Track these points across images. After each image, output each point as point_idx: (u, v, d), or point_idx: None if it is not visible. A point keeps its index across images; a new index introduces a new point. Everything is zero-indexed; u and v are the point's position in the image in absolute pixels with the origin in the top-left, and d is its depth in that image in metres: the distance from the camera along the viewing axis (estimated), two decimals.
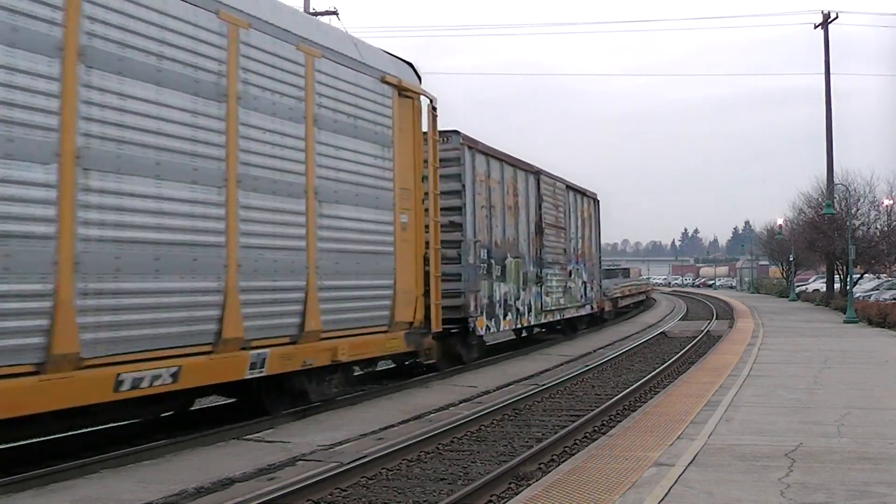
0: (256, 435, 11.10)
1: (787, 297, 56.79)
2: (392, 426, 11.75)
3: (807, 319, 33.75)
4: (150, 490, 8.29)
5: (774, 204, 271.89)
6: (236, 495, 7.86)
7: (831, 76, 41.88)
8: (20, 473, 8.64)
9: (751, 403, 11.86)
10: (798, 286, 59.86)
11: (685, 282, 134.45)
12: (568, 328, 27.85)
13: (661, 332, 29.49)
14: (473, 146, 18.71)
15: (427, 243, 15.20)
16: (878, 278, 49.70)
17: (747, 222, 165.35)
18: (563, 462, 8.99)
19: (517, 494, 7.72)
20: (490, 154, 19.86)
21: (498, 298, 19.78)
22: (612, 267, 78.47)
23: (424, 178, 15.35)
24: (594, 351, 23.34)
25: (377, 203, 13.52)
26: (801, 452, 8.64)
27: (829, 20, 41.59)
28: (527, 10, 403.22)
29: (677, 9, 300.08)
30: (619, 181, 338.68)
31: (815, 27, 42.01)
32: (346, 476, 8.75)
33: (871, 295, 42.25)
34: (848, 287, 34.52)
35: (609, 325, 34.28)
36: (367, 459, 9.29)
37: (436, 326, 15.19)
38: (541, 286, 23.08)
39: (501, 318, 20.01)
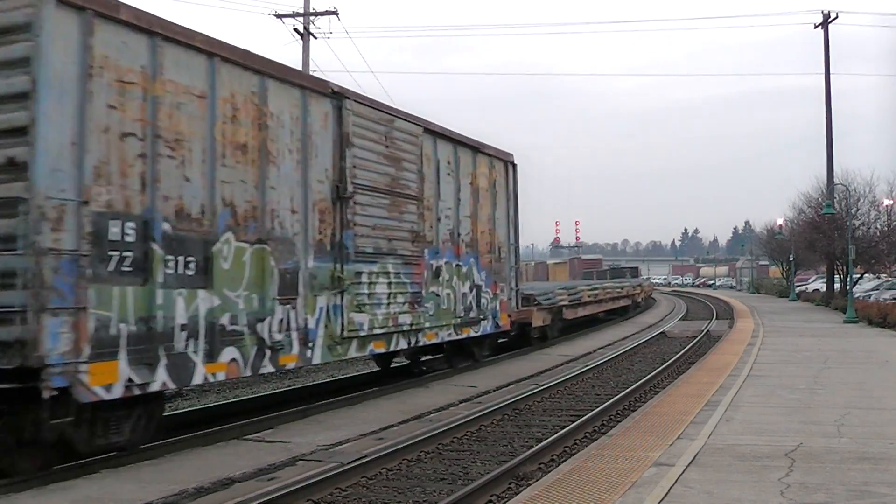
0: (256, 435, 11.10)
1: (788, 297, 56.81)
2: (392, 426, 11.76)
3: (807, 319, 33.74)
4: (149, 490, 8.30)
5: (774, 204, 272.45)
6: (236, 495, 7.88)
7: (831, 76, 41.98)
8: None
9: (751, 403, 11.86)
10: (798, 286, 59.88)
11: (685, 282, 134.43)
12: (459, 357, 18.64)
13: (660, 333, 29.51)
14: (87, 4, 8.91)
15: None
16: (878, 278, 49.64)
17: (747, 222, 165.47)
18: (563, 462, 8.99)
19: (517, 494, 7.73)
20: (167, 35, 9.97)
21: (181, 321, 10.00)
22: (616, 266, 78.57)
23: None
24: (594, 351, 23.35)
25: None
26: (801, 452, 8.64)
27: (829, 20, 41.63)
28: (527, 10, 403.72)
29: (678, 9, 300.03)
30: (620, 181, 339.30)
31: (815, 27, 42.04)
32: (346, 476, 8.76)
33: (871, 295, 42.21)
34: (848, 287, 34.53)
35: (606, 326, 33.98)
36: (367, 459, 9.30)
37: None
38: (341, 295, 13.27)
39: (199, 359, 10.25)
